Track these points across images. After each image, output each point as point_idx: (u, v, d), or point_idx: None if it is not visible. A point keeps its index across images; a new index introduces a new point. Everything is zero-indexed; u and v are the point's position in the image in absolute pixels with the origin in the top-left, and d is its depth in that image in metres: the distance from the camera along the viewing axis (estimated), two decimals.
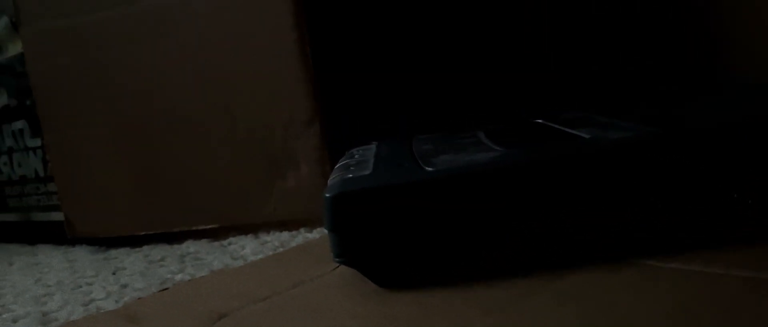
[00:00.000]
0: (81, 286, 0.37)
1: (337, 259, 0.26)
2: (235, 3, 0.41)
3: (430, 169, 0.26)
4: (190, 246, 0.43)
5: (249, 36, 0.41)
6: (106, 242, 0.47)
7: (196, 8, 0.42)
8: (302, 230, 0.41)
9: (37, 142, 0.53)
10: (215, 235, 0.44)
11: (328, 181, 0.29)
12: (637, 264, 0.24)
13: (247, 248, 0.39)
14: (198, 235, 0.43)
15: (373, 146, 0.37)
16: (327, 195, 0.26)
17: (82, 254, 0.46)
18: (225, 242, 0.42)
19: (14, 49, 0.53)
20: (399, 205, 0.25)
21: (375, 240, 0.25)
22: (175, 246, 0.43)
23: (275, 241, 0.40)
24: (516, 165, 0.25)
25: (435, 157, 0.29)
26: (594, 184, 0.25)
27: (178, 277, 0.35)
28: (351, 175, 0.28)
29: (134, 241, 0.45)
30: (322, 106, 0.41)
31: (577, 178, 0.25)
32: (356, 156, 0.34)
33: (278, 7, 0.40)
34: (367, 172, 0.28)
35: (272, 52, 0.41)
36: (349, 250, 0.26)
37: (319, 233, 0.40)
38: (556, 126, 0.34)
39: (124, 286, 0.35)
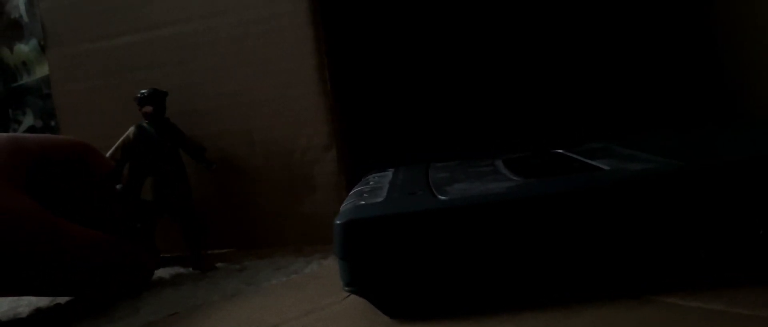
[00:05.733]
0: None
1: (347, 288, 0.26)
2: (257, 30, 0.42)
3: (443, 197, 0.26)
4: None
5: (270, 62, 0.41)
6: None
7: (218, 35, 0.43)
8: (317, 256, 0.41)
9: None
10: (229, 258, 0.43)
11: (341, 208, 0.28)
12: (657, 301, 0.23)
13: (260, 274, 0.39)
14: (212, 258, 0.43)
15: (389, 173, 0.36)
16: (337, 222, 0.26)
17: None
18: (238, 266, 0.42)
19: (41, 71, 0.54)
20: (410, 233, 0.25)
21: (385, 269, 0.25)
22: (190, 269, 0.43)
23: (290, 267, 0.39)
24: (531, 196, 0.25)
25: (450, 185, 0.28)
26: (613, 217, 0.24)
27: (190, 301, 0.35)
28: (363, 202, 0.27)
29: None
30: (340, 132, 0.41)
31: (595, 210, 0.25)
32: (371, 182, 0.34)
33: (299, 34, 0.40)
34: (379, 200, 0.27)
35: (292, 77, 0.41)
36: (359, 278, 0.25)
37: (334, 260, 0.39)
38: (576, 157, 0.33)
39: (137, 309, 0.35)
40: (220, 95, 0.43)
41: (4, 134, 0.35)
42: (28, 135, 0.37)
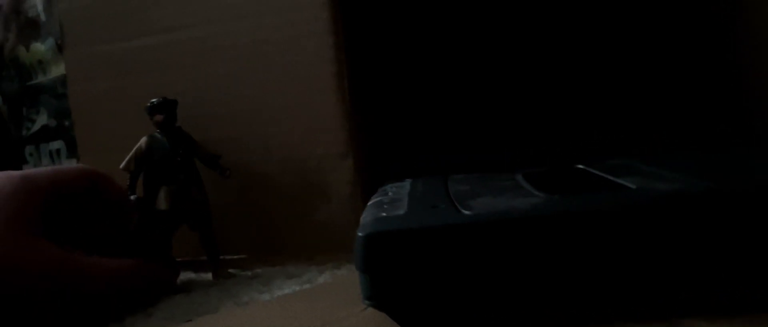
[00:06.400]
0: None
1: (367, 302, 0.25)
2: (276, 36, 0.41)
3: (467, 212, 0.25)
4: None
5: (287, 68, 0.41)
6: None
7: (236, 39, 0.42)
8: (330, 265, 0.40)
9: (73, 163, 0.53)
10: (242, 265, 0.43)
11: (361, 219, 0.28)
12: (682, 324, 0.23)
13: (273, 282, 0.38)
14: (224, 264, 0.43)
15: (406, 184, 0.36)
16: (360, 234, 0.25)
17: None
18: (250, 273, 0.41)
19: (57, 70, 0.54)
20: (434, 248, 0.24)
21: (407, 284, 0.24)
22: (201, 274, 0.43)
23: (303, 276, 0.39)
24: (558, 213, 0.24)
25: (472, 199, 0.28)
26: (640, 237, 0.24)
27: (202, 308, 0.35)
28: (385, 214, 0.27)
29: None
30: (358, 141, 0.40)
31: (622, 229, 0.24)
32: (390, 193, 0.33)
33: (319, 41, 0.40)
34: (401, 212, 0.27)
35: (310, 84, 0.40)
36: (380, 292, 0.25)
37: (348, 270, 0.39)
38: (599, 173, 0.32)
39: (149, 315, 0.35)
40: (236, 100, 0.43)
41: (15, 173, 0.35)
42: (38, 171, 0.37)
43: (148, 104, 0.40)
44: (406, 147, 0.46)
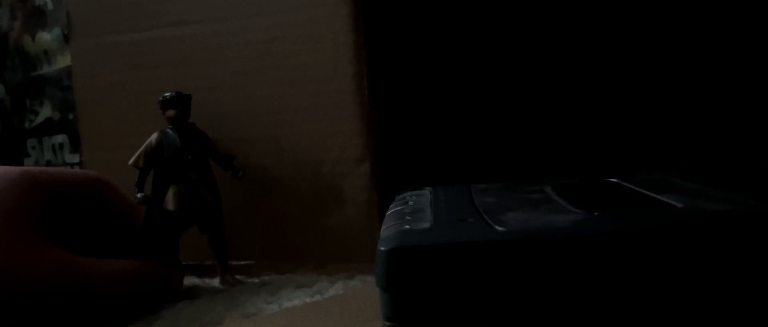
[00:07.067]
0: None
1: (388, 323, 0.23)
2: (293, 33, 0.39)
3: (500, 228, 0.23)
4: None
5: (304, 67, 0.39)
6: None
7: (251, 36, 0.41)
8: (342, 275, 0.38)
9: (76, 159, 0.52)
10: (247, 272, 0.41)
11: (382, 231, 0.26)
12: None
13: (281, 291, 0.36)
14: (230, 269, 0.41)
15: (426, 192, 0.34)
16: (382, 248, 0.23)
17: None
18: (257, 280, 0.39)
19: (63, 61, 0.52)
20: (465, 267, 0.22)
21: (434, 305, 0.22)
22: (206, 280, 0.41)
23: (312, 286, 0.37)
24: (601, 233, 0.22)
25: (502, 213, 0.26)
26: (689, 260, 0.22)
27: (207, 317, 0.33)
28: (409, 227, 0.25)
29: None
30: (375, 146, 0.38)
31: (671, 253, 0.22)
32: (410, 203, 0.31)
33: (338, 40, 0.38)
34: (426, 225, 0.25)
35: (328, 85, 0.39)
36: (403, 313, 0.23)
37: (360, 281, 0.37)
38: (635, 188, 0.31)
39: (150, 323, 0.33)
40: (249, 99, 0.41)
41: (15, 168, 0.34)
42: (40, 169, 0.35)
43: (161, 98, 0.38)
44: (425, 153, 0.44)
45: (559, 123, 0.46)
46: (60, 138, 0.53)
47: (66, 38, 0.51)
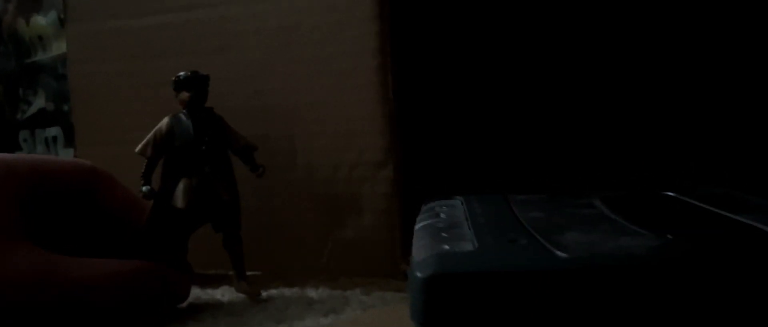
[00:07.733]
0: None
1: None
2: (311, 21, 0.36)
3: (562, 253, 0.20)
4: (225, 293, 0.37)
5: (322, 59, 0.36)
6: None
7: (264, 23, 0.37)
8: (358, 291, 0.35)
9: (70, 154, 0.48)
10: (256, 282, 0.37)
11: (415, 252, 0.22)
12: None
13: (289, 309, 0.33)
14: (230, 279, 0.37)
15: (458, 203, 0.30)
16: (419, 274, 0.19)
17: None
18: (265, 294, 0.36)
19: (58, 47, 0.49)
20: (522, 299, 0.18)
21: None
22: (208, 291, 0.37)
23: (325, 304, 0.33)
24: (689, 260, 0.19)
25: (557, 233, 0.22)
26: None
27: None
28: (448, 247, 0.21)
29: None
30: (398, 148, 0.35)
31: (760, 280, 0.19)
32: (442, 215, 0.28)
33: (361, 29, 0.34)
34: (469, 247, 0.21)
35: (348, 79, 0.35)
36: None
37: (378, 299, 0.33)
38: (698, 204, 0.27)
39: None
40: (260, 93, 0.38)
41: None
42: (17, 156, 0.32)
43: (175, 78, 0.34)
44: (449, 157, 0.40)
45: (594, 128, 0.43)
46: (53, 131, 0.50)
47: (62, 23, 0.48)
